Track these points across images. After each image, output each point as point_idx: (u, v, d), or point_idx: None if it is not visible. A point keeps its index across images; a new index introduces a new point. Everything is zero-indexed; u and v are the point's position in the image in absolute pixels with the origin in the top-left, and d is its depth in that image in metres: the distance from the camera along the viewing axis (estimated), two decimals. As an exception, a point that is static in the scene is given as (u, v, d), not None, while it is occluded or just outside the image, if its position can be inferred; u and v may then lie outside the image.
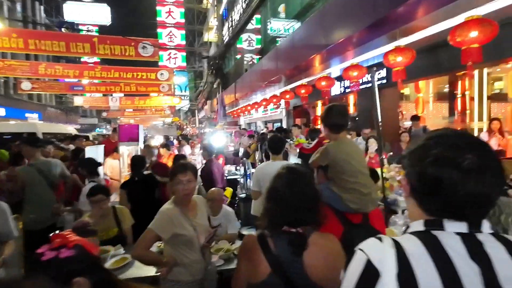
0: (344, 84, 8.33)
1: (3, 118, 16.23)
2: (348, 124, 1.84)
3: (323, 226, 1.33)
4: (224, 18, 19.05)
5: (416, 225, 0.71)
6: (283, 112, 12.56)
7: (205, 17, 25.23)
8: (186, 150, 7.94)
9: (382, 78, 6.84)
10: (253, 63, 13.86)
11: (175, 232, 1.83)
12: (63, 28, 20.91)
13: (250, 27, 15.14)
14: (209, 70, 16.13)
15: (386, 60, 4.15)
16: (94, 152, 4.21)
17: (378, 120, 2.88)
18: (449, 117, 8.76)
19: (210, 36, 22.24)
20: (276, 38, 12.66)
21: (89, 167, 3.57)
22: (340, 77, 6.95)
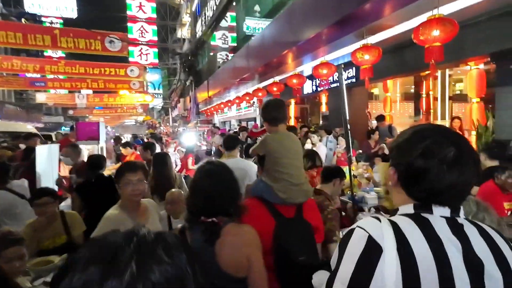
0: (316, 83, 8.38)
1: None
2: (285, 117, 1.88)
3: (254, 220, 1.36)
4: (197, 14, 18.68)
5: (406, 209, 0.78)
6: (257, 111, 12.50)
7: (178, 12, 24.62)
8: (157, 150, 7.60)
9: (352, 77, 6.94)
10: (228, 61, 13.67)
11: None
12: (23, 19, 19.48)
13: (225, 25, 14.93)
14: (182, 67, 15.73)
15: (354, 58, 4.18)
16: (47, 152, 3.85)
17: (346, 118, 2.89)
18: (415, 116, 9.12)
19: (183, 32, 21.73)
20: (251, 37, 12.57)
21: None
22: (312, 76, 6.97)
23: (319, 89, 8.32)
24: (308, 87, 8.72)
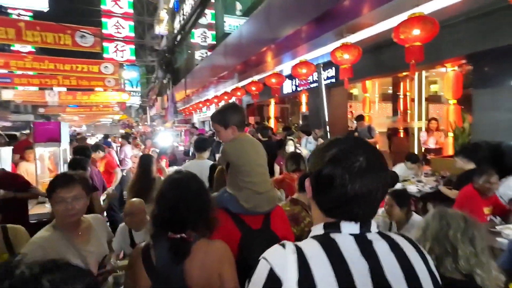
0: (296, 82, 8.25)
1: None
2: (244, 121, 1.75)
3: (219, 232, 1.28)
4: (176, 10, 18.17)
5: (317, 229, 0.76)
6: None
7: (155, 8, 23.89)
8: (127, 151, 7.18)
9: (331, 77, 6.85)
10: (205, 58, 13.33)
11: None
12: (-14, 11, 18.20)
13: (205, 22, 14.54)
14: (159, 64, 15.21)
15: (334, 57, 4.05)
16: (-2, 156, 3.46)
17: (325, 118, 2.74)
18: (393, 116, 9.22)
19: (161, 29, 21.10)
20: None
21: None
22: (291, 76, 6.83)
23: (299, 89, 8.20)
24: (287, 87, 8.58)
